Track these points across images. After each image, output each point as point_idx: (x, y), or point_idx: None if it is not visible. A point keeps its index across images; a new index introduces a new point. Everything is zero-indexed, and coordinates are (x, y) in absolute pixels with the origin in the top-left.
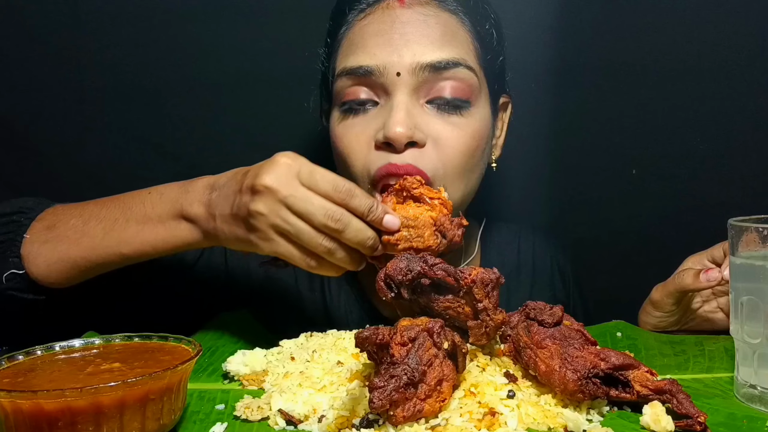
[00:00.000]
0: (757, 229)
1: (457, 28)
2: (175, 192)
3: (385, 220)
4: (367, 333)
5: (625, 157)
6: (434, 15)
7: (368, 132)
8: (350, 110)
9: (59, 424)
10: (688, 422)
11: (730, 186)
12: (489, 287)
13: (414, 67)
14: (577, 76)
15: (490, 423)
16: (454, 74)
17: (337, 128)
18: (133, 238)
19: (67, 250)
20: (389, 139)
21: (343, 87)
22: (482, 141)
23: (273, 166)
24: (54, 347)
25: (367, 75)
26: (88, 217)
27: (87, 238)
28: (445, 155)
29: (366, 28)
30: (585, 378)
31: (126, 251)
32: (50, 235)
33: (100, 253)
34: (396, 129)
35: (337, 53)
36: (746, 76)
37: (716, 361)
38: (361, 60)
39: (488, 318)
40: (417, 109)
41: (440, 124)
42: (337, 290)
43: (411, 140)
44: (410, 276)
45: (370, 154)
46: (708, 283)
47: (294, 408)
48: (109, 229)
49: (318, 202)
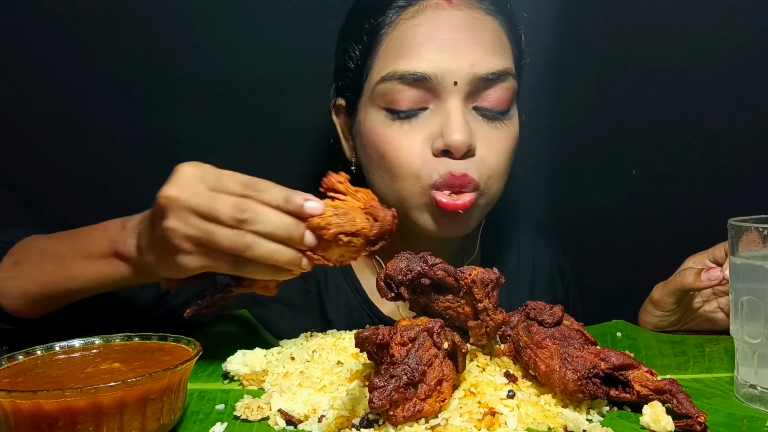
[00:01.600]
0: (757, 229)
1: (500, 32)
2: (114, 229)
3: (306, 206)
4: (367, 333)
5: (625, 157)
6: (483, 19)
7: (421, 138)
8: (399, 115)
9: (59, 424)
10: (688, 422)
11: (730, 186)
12: (489, 287)
13: (470, 78)
14: (577, 76)
15: (490, 423)
16: (503, 83)
17: (382, 131)
18: (79, 274)
19: (26, 286)
20: (450, 147)
21: (392, 90)
22: (516, 146)
23: (174, 176)
24: (54, 347)
25: (419, 81)
26: (44, 254)
27: (42, 274)
28: (493, 161)
29: (416, 30)
30: (585, 378)
31: (73, 287)
32: (14, 272)
33: (52, 288)
34: (457, 137)
35: (377, 53)
36: (746, 76)
37: (716, 361)
38: (416, 66)
39: (488, 318)
40: (469, 115)
41: (487, 130)
42: (335, 290)
43: (469, 148)
44: (410, 276)
45: (428, 161)
46: (709, 283)
47: (294, 408)
48: (59, 266)
49: (223, 198)
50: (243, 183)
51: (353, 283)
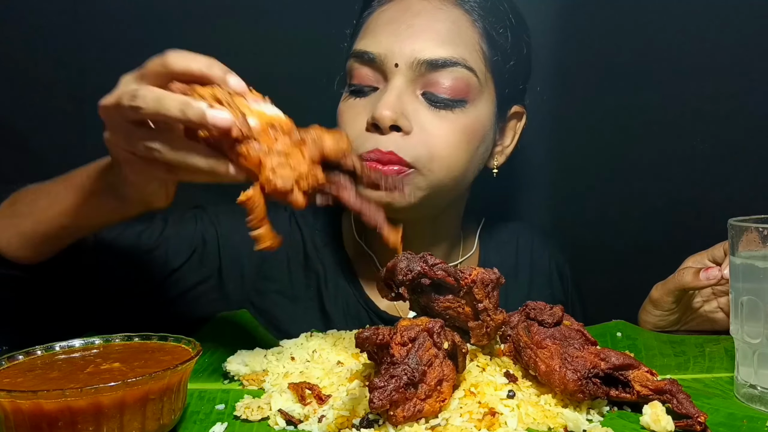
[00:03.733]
0: (757, 229)
1: (466, 26)
2: (103, 162)
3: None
4: (368, 333)
5: (625, 158)
6: (445, 10)
7: (363, 114)
8: (354, 92)
9: (59, 424)
10: (688, 422)
11: (730, 186)
12: (489, 287)
13: (412, 61)
14: (577, 76)
15: (490, 423)
16: (451, 72)
17: (340, 106)
18: (70, 210)
19: (19, 224)
20: (374, 120)
21: (351, 68)
22: (473, 138)
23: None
24: (54, 347)
25: (370, 61)
26: (39, 193)
27: (35, 212)
28: (431, 145)
29: (382, 15)
30: (585, 378)
31: (65, 223)
32: (9, 212)
33: (45, 225)
34: (383, 111)
35: (356, 35)
36: (746, 76)
37: (716, 361)
38: (367, 45)
39: (489, 318)
40: (409, 97)
41: (429, 117)
42: (334, 284)
43: (395, 124)
44: (411, 276)
45: (361, 135)
46: (708, 282)
47: (294, 408)
48: (52, 203)
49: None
50: (161, 59)
51: (350, 277)
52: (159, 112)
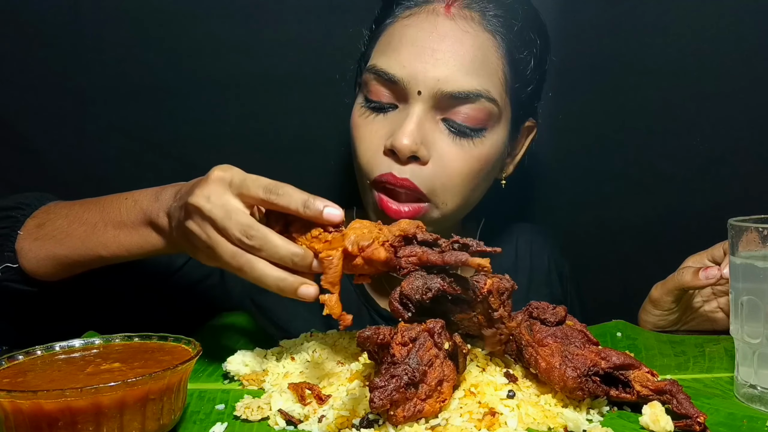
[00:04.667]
0: (757, 229)
1: (491, 52)
2: (147, 200)
3: (326, 213)
4: (369, 333)
5: (626, 157)
6: (472, 34)
7: (381, 133)
8: (372, 107)
9: (59, 424)
10: (688, 422)
11: (730, 186)
12: (504, 296)
13: (435, 92)
14: (577, 76)
15: (490, 423)
16: (474, 103)
17: (356, 117)
18: (110, 242)
19: (52, 248)
20: (394, 148)
21: (368, 82)
22: (489, 164)
23: (205, 183)
24: (54, 347)
25: (391, 82)
26: (72, 219)
27: (70, 239)
28: (446, 175)
29: (405, 30)
30: (584, 376)
31: (104, 254)
32: (39, 233)
33: (81, 253)
34: (402, 140)
35: (375, 43)
36: (746, 76)
37: (716, 361)
38: (390, 66)
39: (503, 326)
40: (430, 124)
41: (448, 145)
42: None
43: (414, 154)
44: (430, 294)
45: (376, 156)
46: (707, 281)
47: (294, 408)
48: (90, 233)
49: (235, 218)
50: (265, 187)
51: (350, 276)
52: (273, 258)
